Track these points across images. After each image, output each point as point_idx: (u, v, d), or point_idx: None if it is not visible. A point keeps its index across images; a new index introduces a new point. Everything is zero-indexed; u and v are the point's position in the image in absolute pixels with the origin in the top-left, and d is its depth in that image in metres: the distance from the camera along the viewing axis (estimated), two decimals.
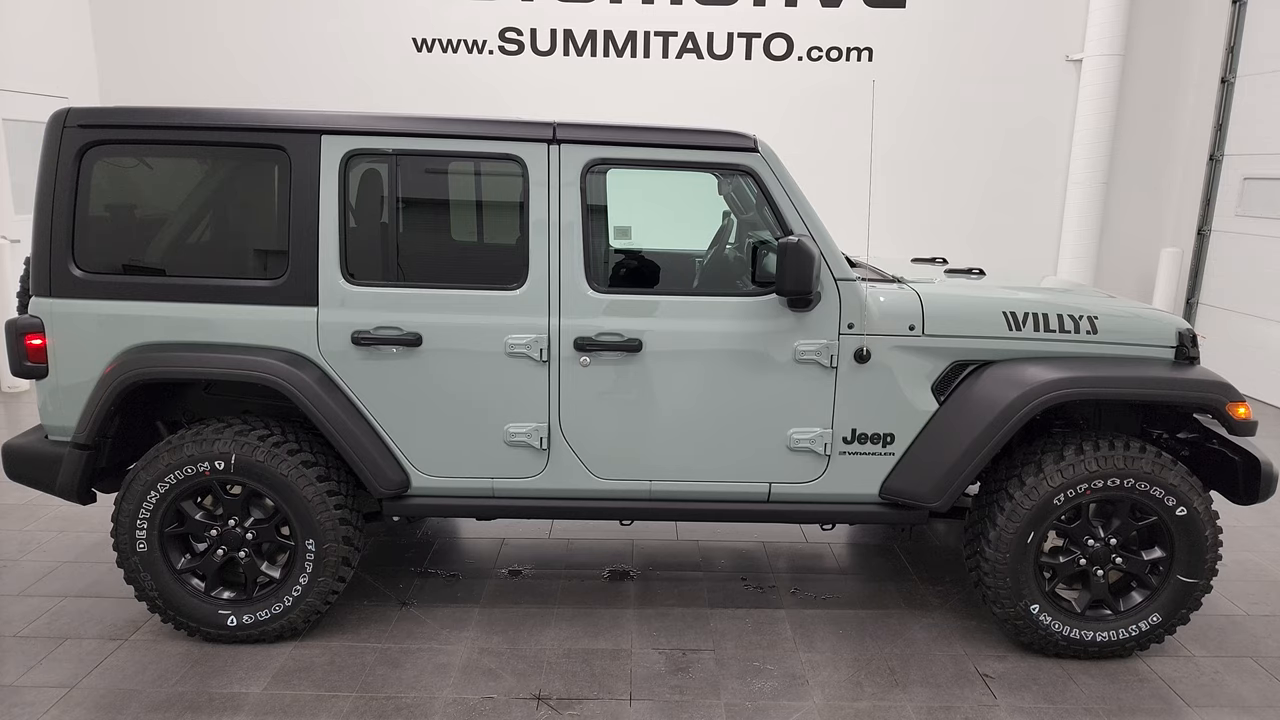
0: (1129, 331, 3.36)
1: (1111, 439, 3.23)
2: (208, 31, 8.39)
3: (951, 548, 4.47)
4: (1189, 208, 8.43)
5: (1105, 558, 3.29)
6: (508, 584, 3.95)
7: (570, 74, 8.43)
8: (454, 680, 3.17)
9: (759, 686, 3.18)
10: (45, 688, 3.08)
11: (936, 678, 3.27)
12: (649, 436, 3.34)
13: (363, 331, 3.22)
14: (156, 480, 3.19)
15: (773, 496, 3.41)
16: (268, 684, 3.12)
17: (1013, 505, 3.21)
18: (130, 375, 3.13)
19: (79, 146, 3.17)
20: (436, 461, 3.35)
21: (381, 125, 3.22)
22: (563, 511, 3.48)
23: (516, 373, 3.26)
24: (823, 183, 6.64)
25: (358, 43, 8.38)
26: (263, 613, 3.30)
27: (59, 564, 4.05)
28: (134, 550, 3.24)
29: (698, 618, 3.67)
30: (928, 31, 8.34)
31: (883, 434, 3.33)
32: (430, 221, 3.62)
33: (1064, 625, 3.31)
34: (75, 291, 3.21)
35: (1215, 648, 3.52)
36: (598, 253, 3.50)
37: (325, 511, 3.23)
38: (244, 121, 3.20)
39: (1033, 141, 8.52)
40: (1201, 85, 8.27)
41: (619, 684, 3.18)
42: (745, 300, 3.28)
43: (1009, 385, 3.19)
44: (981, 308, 3.32)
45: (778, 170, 3.25)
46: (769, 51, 8.42)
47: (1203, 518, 3.21)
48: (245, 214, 3.41)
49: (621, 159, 3.25)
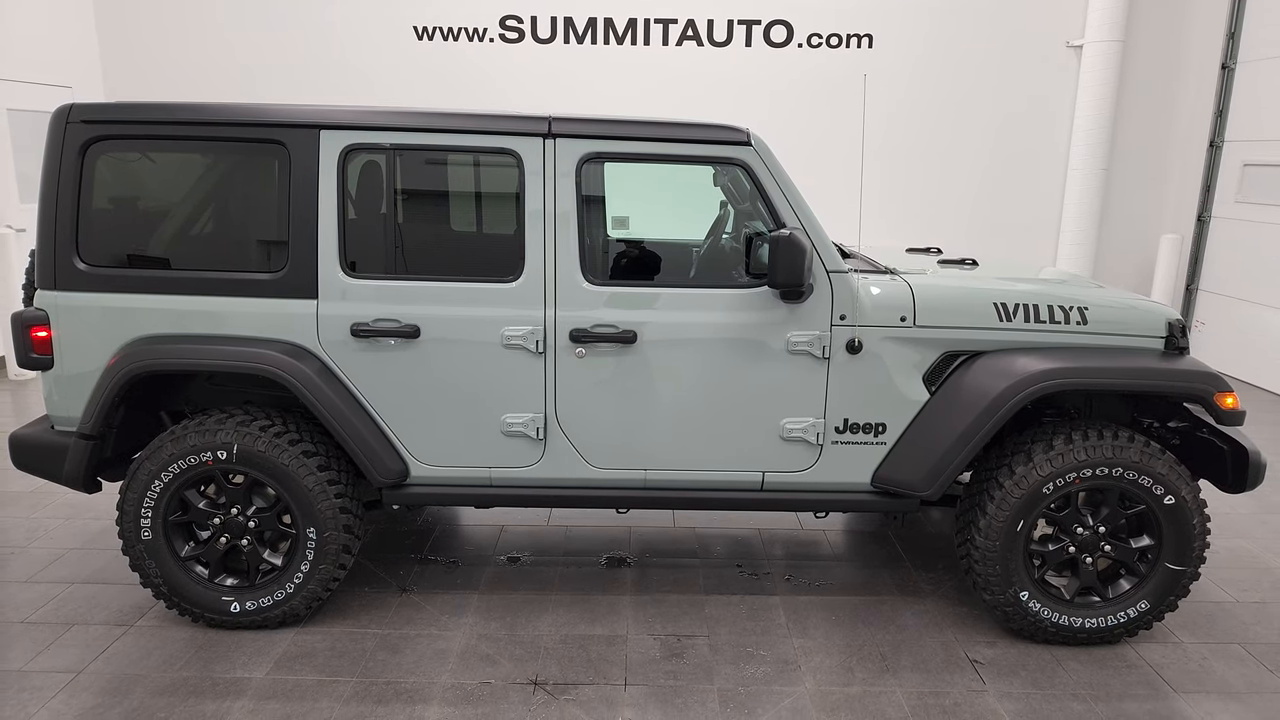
0: (1119, 322, 3.39)
1: (1100, 429, 3.27)
2: (209, 20, 8.41)
3: (945, 535, 4.52)
4: (1189, 194, 8.42)
5: (1094, 545, 3.34)
6: (506, 571, 4.01)
7: (571, 61, 8.44)
8: (452, 665, 3.24)
9: (752, 672, 3.24)
10: (52, 672, 3.16)
11: (927, 663, 3.32)
12: (644, 426, 3.38)
13: (362, 323, 3.26)
14: (160, 469, 3.25)
15: (766, 485, 3.46)
16: (270, 669, 3.19)
17: (1003, 494, 3.26)
18: (134, 367, 3.19)
19: (82, 142, 3.21)
20: (435, 451, 3.40)
21: (378, 120, 3.25)
22: (559, 500, 3.53)
23: (513, 364, 3.31)
24: (821, 170, 6.69)
25: (359, 32, 8.39)
26: (265, 599, 3.37)
27: (66, 550, 4.12)
28: (139, 538, 3.30)
29: (693, 604, 3.73)
30: (927, 18, 8.32)
31: (874, 424, 3.37)
32: (428, 215, 3.66)
33: (1053, 612, 3.35)
34: (79, 284, 3.26)
35: (1204, 634, 3.57)
36: (593, 246, 3.54)
37: (326, 500, 3.29)
38: (244, 117, 3.24)
39: (1033, 128, 8.50)
40: (1202, 71, 8.24)
41: (614, 669, 3.24)
42: (738, 292, 3.32)
43: (999, 376, 3.23)
44: (972, 299, 3.36)
45: (770, 163, 3.27)
46: (769, 38, 8.41)
47: (1190, 506, 3.25)
48: (246, 208, 3.45)
49: (615, 152, 3.29)
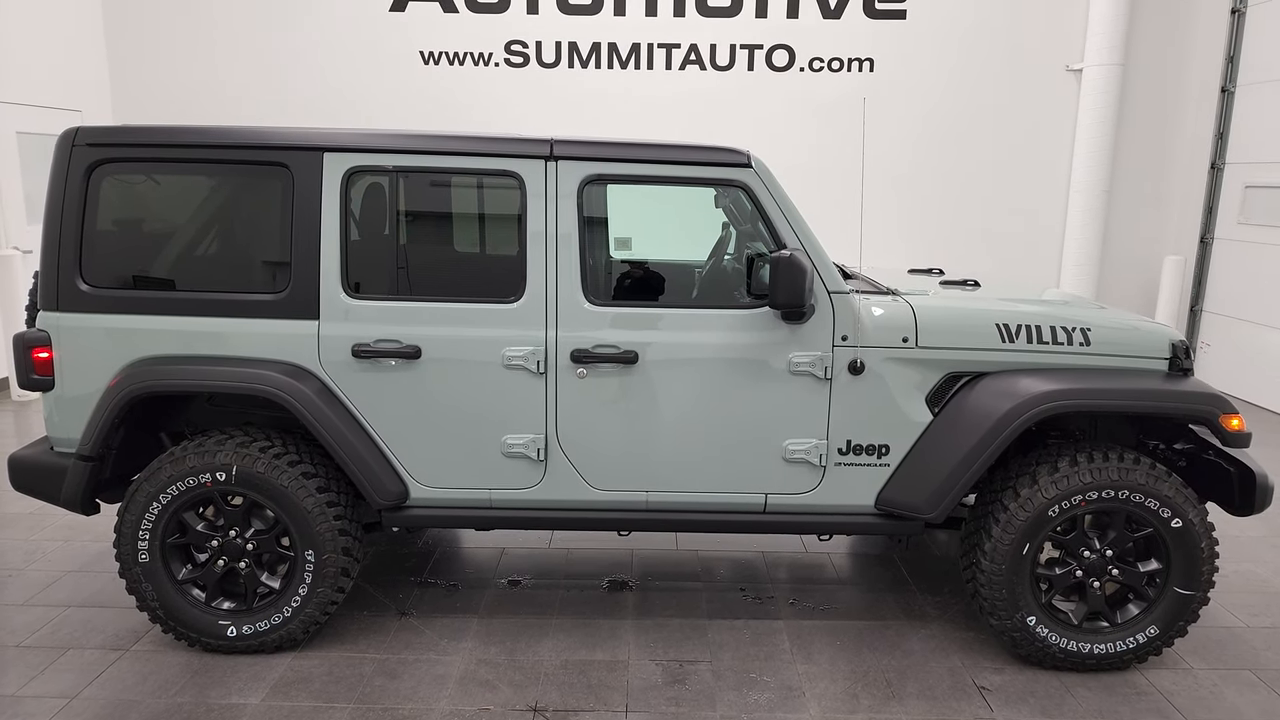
0: (1122, 343, 3.37)
1: (1105, 451, 3.24)
2: (218, 46, 8.50)
3: (951, 558, 4.47)
4: (1191, 216, 8.43)
5: (1102, 569, 3.30)
6: (507, 594, 3.97)
7: (575, 86, 8.50)
8: (451, 691, 3.20)
9: (755, 698, 3.19)
10: (46, 698, 3.12)
11: (933, 690, 3.27)
12: (645, 447, 3.36)
13: (363, 344, 3.26)
14: (159, 491, 3.23)
15: (769, 507, 3.42)
16: (266, 695, 3.15)
17: (1008, 517, 3.22)
18: (134, 388, 3.18)
19: (87, 165, 3.23)
20: (435, 472, 3.38)
21: (381, 142, 3.27)
22: (560, 522, 3.50)
23: (514, 384, 3.29)
24: (823, 193, 6.70)
25: (367, 58, 8.47)
26: (262, 623, 3.33)
27: (63, 573, 4.09)
28: (136, 560, 3.27)
29: (695, 628, 3.69)
30: (928, 42, 8.38)
31: (878, 445, 3.35)
32: (430, 236, 3.66)
33: (1061, 637, 3.31)
34: (82, 306, 3.26)
35: (1214, 660, 3.52)
36: (594, 266, 3.54)
37: (325, 522, 3.27)
38: (248, 140, 3.25)
39: (1034, 151, 8.53)
40: (1202, 94, 8.28)
41: (615, 695, 3.19)
42: (740, 313, 3.31)
43: (1002, 397, 3.20)
44: (975, 320, 3.34)
45: (771, 185, 3.28)
46: (771, 63, 8.47)
47: (1198, 529, 3.21)
48: (249, 230, 3.46)
49: (617, 175, 3.29)
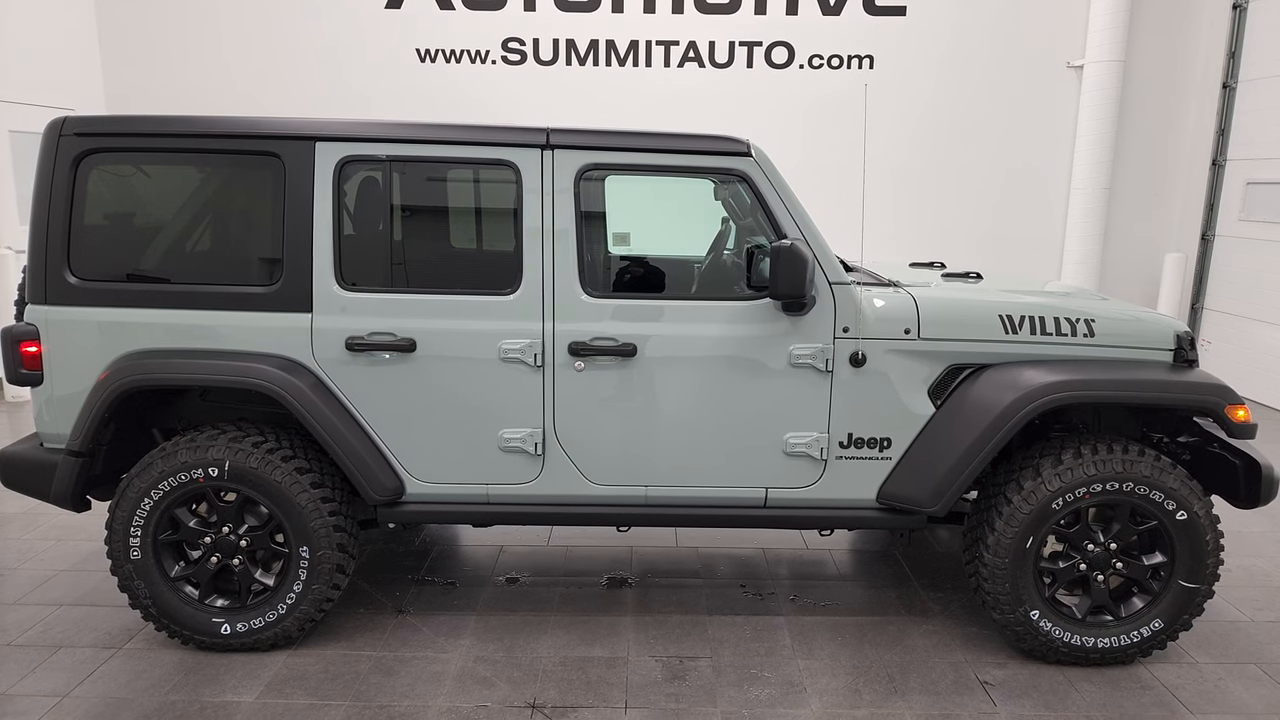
0: (1126, 334, 3.33)
1: (1109, 443, 3.20)
2: (212, 43, 8.46)
3: (953, 553, 4.43)
4: (1192, 213, 8.40)
5: (1105, 563, 3.26)
6: (505, 591, 3.93)
7: (573, 83, 8.46)
8: (448, 689, 3.15)
9: (756, 694, 3.15)
10: (38, 696, 3.07)
11: (936, 685, 3.23)
12: (644, 441, 3.32)
13: (357, 337, 3.21)
14: (150, 487, 3.19)
15: (770, 501, 3.38)
16: (260, 693, 3.10)
17: (1011, 510, 3.18)
18: (124, 382, 3.13)
19: (75, 155, 3.18)
20: (431, 468, 3.34)
21: (374, 131, 3.23)
22: (558, 518, 3.46)
23: (511, 378, 3.25)
24: (824, 189, 6.67)
25: (362, 54, 8.43)
26: (256, 621, 3.29)
27: (56, 572, 4.04)
28: (128, 558, 3.23)
29: (696, 625, 3.65)
30: (929, 39, 8.34)
31: (879, 438, 3.31)
32: (424, 227, 3.62)
33: (1065, 631, 3.27)
34: (70, 299, 3.21)
35: (1219, 654, 3.48)
36: (592, 257, 3.49)
37: (319, 518, 3.22)
38: (238, 129, 3.21)
39: (1035, 148, 8.50)
40: (1203, 91, 8.25)
41: (614, 692, 3.15)
42: (740, 304, 3.26)
43: (1005, 389, 3.16)
44: (977, 311, 3.30)
45: (770, 174, 3.24)
46: (770, 60, 8.43)
47: (1203, 522, 3.17)
48: (240, 221, 3.42)
49: (614, 164, 3.25)
